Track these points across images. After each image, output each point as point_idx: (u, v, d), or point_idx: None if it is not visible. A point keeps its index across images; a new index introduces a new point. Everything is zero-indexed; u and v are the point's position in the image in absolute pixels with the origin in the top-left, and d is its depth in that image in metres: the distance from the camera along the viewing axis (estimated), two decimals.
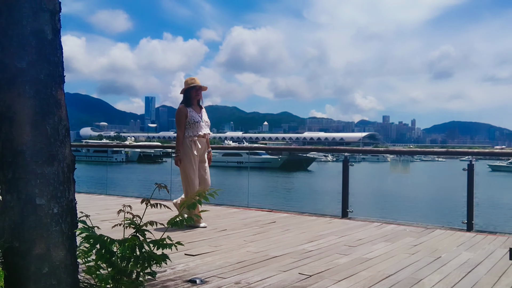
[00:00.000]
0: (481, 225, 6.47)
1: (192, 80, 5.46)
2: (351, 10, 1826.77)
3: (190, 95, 5.44)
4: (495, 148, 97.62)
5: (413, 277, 3.35)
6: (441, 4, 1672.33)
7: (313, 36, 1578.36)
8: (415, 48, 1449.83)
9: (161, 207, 2.46)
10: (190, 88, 5.43)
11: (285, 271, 3.45)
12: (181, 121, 5.31)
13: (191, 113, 5.36)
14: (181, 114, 5.34)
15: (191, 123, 5.31)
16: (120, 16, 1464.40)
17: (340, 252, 4.11)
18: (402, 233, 5.15)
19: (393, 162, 7.21)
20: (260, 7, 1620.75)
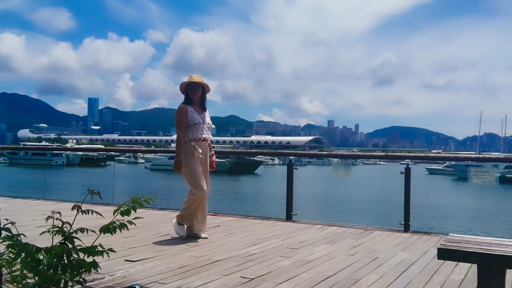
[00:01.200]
0: (417, 226, 6.75)
1: (189, 77, 5.02)
2: (298, 16, 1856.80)
3: (188, 95, 5.00)
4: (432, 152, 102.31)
5: (352, 278, 3.44)
6: (383, 13, 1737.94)
7: (261, 41, 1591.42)
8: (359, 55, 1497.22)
9: (94, 214, 2.39)
10: (187, 85, 5.00)
11: (227, 275, 3.44)
12: (182, 121, 4.88)
13: (192, 113, 4.93)
14: (182, 113, 4.91)
15: (190, 125, 4.89)
16: (62, 15, 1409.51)
17: (282, 255, 4.16)
18: (343, 235, 5.28)
19: (336, 166, 7.37)
20: (208, 10, 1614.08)
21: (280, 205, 6.83)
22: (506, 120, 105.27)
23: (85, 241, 2.56)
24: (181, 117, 4.90)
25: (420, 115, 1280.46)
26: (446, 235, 3.03)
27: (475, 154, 59.12)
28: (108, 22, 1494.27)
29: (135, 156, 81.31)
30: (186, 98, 5.01)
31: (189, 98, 4.99)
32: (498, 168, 50.58)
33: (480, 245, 2.23)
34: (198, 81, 4.98)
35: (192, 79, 4.97)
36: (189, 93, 4.98)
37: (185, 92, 5.03)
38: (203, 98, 5.10)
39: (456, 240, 2.34)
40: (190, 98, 4.99)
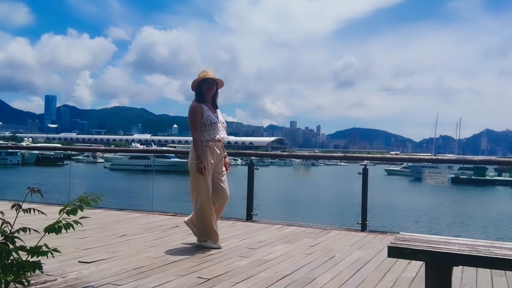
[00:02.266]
0: (374, 225, 6.91)
1: (204, 72, 4.60)
2: (262, 17, 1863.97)
3: (202, 91, 4.56)
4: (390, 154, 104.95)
5: (308, 277, 3.48)
6: (345, 17, 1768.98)
7: (225, 41, 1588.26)
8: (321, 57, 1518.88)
9: (36, 213, 2.32)
10: (200, 81, 4.56)
11: (184, 276, 3.41)
12: (198, 121, 4.44)
13: (207, 112, 4.51)
14: (197, 112, 4.46)
15: (207, 124, 4.46)
16: (20, 10, 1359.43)
17: (240, 255, 4.16)
18: (301, 235, 5.34)
19: (296, 166, 7.43)
20: (171, 8, 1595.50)
21: (241, 205, 6.84)
22: (461, 123, 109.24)
23: (35, 242, 2.48)
24: (197, 117, 4.45)
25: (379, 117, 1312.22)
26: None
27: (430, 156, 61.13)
28: (68, 18, 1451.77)
29: (94, 155, 79.49)
30: (199, 95, 4.58)
31: (202, 95, 4.57)
32: (453, 169, 52.55)
33: (428, 243, 2.30)
34: (215, 78, 4.62)
35: (208, 75, 4.56)
36: (204, 90, 4.57)
37: (197, 88, 4.58)
38: (216, 95, 4.72)
39: (406, 238, 2.41)
40: (203, 95, 4.58)
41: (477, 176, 54.16)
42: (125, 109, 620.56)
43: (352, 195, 7.10)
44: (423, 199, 24.82)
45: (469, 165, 48.13)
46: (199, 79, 4.56)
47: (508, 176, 54.91)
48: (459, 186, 43.99)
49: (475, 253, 2.12)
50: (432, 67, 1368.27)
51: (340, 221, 9.64)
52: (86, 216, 2.51)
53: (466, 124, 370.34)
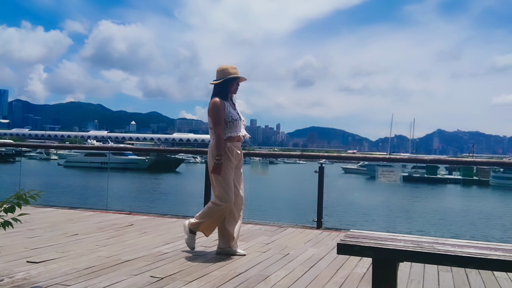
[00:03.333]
0: (329, 223, 7.04)
1: (234, 69, 4.34)
2: (222, 15, 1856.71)
3: (228, 88, 4.32)
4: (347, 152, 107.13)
5: (262, 274, 3.51)
6: (304, 17, 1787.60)
7: (185, 37, 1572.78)
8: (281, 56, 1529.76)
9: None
10: (231, 78, 4.31)
11: (136, 275, 3.36)
12: (221, 117, 4.18)
13: (229, 108, 4.28)
14: (220, 108, 4.18)
15: (228, 121, 4.21)
16: None
17: (195, 253, 4.14)
18: (257, 232, 5.38)
19: (253, 165, 7.47)
20: (129, 2, 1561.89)
21: (200, 203, 6.81)
22: (414, 123, 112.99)
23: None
24: (220, 113, 4.18)
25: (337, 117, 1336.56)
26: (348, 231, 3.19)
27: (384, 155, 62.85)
28: (22, 10, 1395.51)
29: (47, 152, 76.95)
30: (224, 92, 4.32)
31: (227, 92, 4.34)
32: (406, 168, 54.22)
33: (376, 240, 2.37)
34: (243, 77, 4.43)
35: (237, 73, 4.34)
36: (231, 88, 4.35)
37: (223, 84, 4.31)
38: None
39: (356, 235, 2.47)
40: (227, 92, 4.34)
41: (429, 174, 56.13)
42: (81, 105, 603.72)
43: (309, 192, 7.20)
44: (377, 197, 25.48)
45: (421, 164, 49.75)
46: (232, 75, 4.30)
47: (458, 175, 57.23)
48: (412, 184, 45.47)
49: (419, 249, 2.21)
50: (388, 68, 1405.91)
51: (296, 219, 9.78)
52: (25, 213, 2.42)
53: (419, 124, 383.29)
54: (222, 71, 4.32)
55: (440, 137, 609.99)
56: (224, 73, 4.31)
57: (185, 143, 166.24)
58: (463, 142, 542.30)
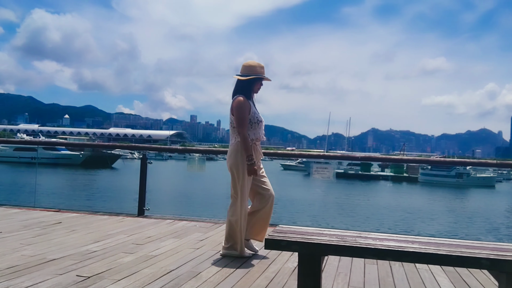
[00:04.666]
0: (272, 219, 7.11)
1: (262, 68, 4.10)
2: (163, 8, 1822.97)
3: (253, 86, 4.10)
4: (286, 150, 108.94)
5: (193, 271, 3.50)
6: (246, 14, 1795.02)
7: (124, 29, 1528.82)
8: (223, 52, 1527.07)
9: None
10: (257, 78, 4.09)
11: (61, 274, 3.24)
12: (246, 117, 3.97)
13: (253, 108, 4.07)
14: (245, 108, 3.97)
15: (253, 122, 4.02)
16: None
17: (126, 251, 4.05)
18: (192, 229, 5.34)
19: (190, 161, 7.41)
20: None
21: (136, 200, 6.66)
22: (350, 122, 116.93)
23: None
24: (245, 113, 3.98)
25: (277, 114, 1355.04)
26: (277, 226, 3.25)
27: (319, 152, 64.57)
28: None
29: None
30: (248, 89, 4.09)
31: (251, 91, 4.12)
32: (342, 165, 56.00)
33: (303, 235, 2.43)
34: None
35: (264, 73, 4.13)
36: (257, 88, 4.15)
37: (249, 82, 4.06)
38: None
39: (284, 231, 2.52)
40: (251, 91, 4.13)
41: (363, 171, 58.41)
42: (10, 97, 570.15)
43: None
44: (314, 193, 26.16)
45: (356, 161, 51.62)
46: (260, 74, 4.10)
47: (390, 172, 59.96)
48: (348, 181, 47.09)
49: (342, 243, 2.29)
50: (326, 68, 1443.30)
51: None
52: None
53: (355, 123, 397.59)
54: (250, 67, 4.09)
55: (374, 136, 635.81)
56: (252, 70, 4.08)
57: (122, 139, 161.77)
58: (395, 141, 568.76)
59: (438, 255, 2.21)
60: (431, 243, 2.42)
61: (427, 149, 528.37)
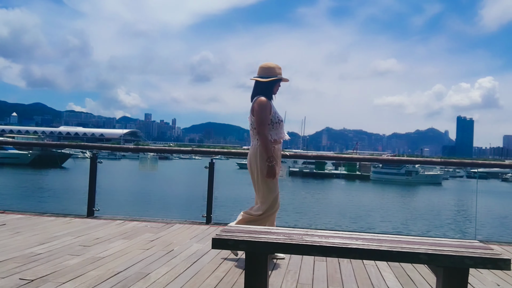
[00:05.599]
0: (219, 218, 7.11)
1: (280, 69, 4.10)
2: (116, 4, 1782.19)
3: (273, 88, 4.09)
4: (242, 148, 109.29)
5: (142, 272, 3.45)
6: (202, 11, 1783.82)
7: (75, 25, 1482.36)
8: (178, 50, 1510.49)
9: None
10: (277, 79, 4.08)
11: (3, 278, 3.11)
12: (267, 118, 3.93)
13: (274, 109, 4.03)
14: (267, 109, 3.92)
15: (274, 122, 3.98)
16: None
17: (72, 253, 3.93)
18: (142, 230, 5.26)
19: (142, 160, 7.28)
20: None
21: (85, 200, 6.47)
22: (305, 121, 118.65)
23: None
24: (267, 113, 3.94)
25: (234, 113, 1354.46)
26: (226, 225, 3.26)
27: None
28: None
29: None
30: (269, 91, 4.06)
31: (271, 92, 4.10)
32: (297, 163, 56.72)
33: (251, 233, 2.45)
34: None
35: (281, 74, 4.12)
36: (276, 89, 4.14)
37: (269, 83, 4.04)
38: None
39: (231, 230, 2.53)
40: (271, 93, 4.10)
41: (318, 169, 59.36)
42: None
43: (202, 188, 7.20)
44: None
45: (311, 160, 52.40)
46: (279, 75, 4.09)
47: (344, 170, 61.27)
48: (303, 179, 47.77)
49: (289, 241, 2.33)
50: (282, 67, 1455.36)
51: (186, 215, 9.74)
52: None
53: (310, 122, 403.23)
54: (269, 69, 4.09)
55: (328, 135, 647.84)
56: (271, 71, 4.08)
57: (73, 137, 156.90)
58: (348, 140, 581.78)
59: (380, 251, 2.28)
60: (374, 239, 2.50)
61: (378, 147, 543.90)
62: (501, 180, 65.60)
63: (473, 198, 7.99)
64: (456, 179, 67.03)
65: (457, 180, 65.66)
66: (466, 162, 8.58)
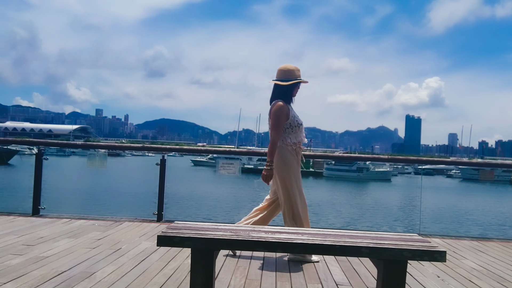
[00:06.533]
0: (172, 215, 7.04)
1: (299, 71, 4.05)
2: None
3: (292, 91, 4.05)
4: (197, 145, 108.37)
5: (87, 271, 3.37)
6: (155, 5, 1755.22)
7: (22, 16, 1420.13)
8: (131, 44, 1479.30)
9: None
10: (297, 82, 4.05)
11: None
12: (281, 123, 3.92)
13: (293, 112, 4.02)
14: (284, 113, 3.93)
15: (293, 126, 3.97)
16: None
17: (14, 253, 3.79)
18: (89, 228, 5.13)
19: (90, 157, 7.09)
20: None
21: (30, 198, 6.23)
22: (260, 118, 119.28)
23: None
24: (282, 119, 3.94)
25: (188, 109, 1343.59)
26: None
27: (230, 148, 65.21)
28: None
29: None
30: (289, 94, 4.05)
31: (291, 96, 4.07)
32: (252, 160, 57.03)
33: (198, 230, 2.44)
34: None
35: (300, 75, 4.07)
36: (294, 93, 4.09)
37: (290, 86, 4.02)
38: None
39: (178, 227, 2.52)
40: (291, 96, 4.08)
41: None
42: None
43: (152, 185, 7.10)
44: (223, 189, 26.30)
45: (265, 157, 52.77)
46: (299, 78, 4.04)
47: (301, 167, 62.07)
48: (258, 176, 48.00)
49: (235, 237, 2.34)
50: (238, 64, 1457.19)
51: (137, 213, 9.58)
52: None
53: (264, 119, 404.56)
54: (289, 72, 4.04)
55: None
56: (291, 74, 4.03)
57: (20, 133, 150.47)
58: None
59: (323, 245, 2.34)
60: (319, 234, 2.56)
61: (331, 145, 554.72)
62: (446, 176, 68.69)
63: (419, 193, 8.31)
64: (404, 175, 69.42)
65: (405, 176, 68.02)
66: (411, 159, 8.95)
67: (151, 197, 10.30)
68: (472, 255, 4.74)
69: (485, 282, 3.66)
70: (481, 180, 43.25)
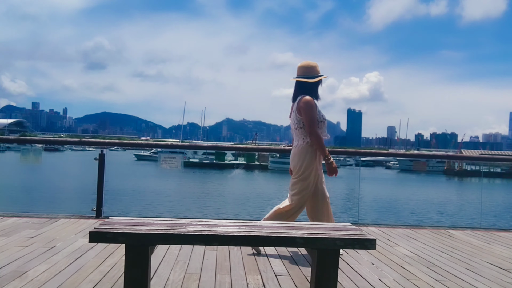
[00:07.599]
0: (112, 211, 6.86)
1: (318, 67, 4.13)
2: None
3: (318, 87, 4.13)
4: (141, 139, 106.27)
5: (19, 270, 3.22)
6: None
7: None
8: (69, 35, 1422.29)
9: None
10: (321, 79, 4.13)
11: None
12: (315, 117, 3.97)
13: (319, 108, 4.07)
14: (314, 108, 3.98)
15: (319, 121, 4.02)
16: None
17: None
18: (22, 226, 4.91)
19: (24, 152, 6.76)
20: None
21: None
22: (205, 111, 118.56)
23: None
24: (315, 112, 3.98)
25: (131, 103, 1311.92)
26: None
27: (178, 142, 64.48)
28: None
29: None
30: (315, 90, 4.11)
31: (317, 92, 4.13)
32: (197, 154, 56.68)
33: (132, 225, 2.40)
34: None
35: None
36: (318, 88, 4.14)
37: (316, 83, 4.10)
38: None
39: (112, 222, 2.46)
40: (317, 92, 4.13)
41: (218, 160, 59.80)
42: None
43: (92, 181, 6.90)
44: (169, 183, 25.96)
45: (211, 151, 52.60)
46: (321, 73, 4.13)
47: (243, 160, 62.40)
48: (204, 170, 47.80)
49: (171, 231, 2.32)
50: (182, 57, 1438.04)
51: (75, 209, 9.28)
52: None
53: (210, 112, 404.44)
54: (312, 68, 4.11)
55: (229, 125, 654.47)
56: (314, 70, 4.10)
57: None
58: (248, 130, 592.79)
59: (260, 237, 2.37)
60: (256, 226, 2.59)
61: (277, 138, 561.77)
62: (385, 167, 71.44)
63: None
64: (346, 167, 71.54)
65: (347, 168, 70.12)
66: (350, 151, 9.24)
67: (91, 193, 10.04)
68: (405, 242, 4.98)
69: (415, 268, 3.86)
70: (415, 170, 45.35)
